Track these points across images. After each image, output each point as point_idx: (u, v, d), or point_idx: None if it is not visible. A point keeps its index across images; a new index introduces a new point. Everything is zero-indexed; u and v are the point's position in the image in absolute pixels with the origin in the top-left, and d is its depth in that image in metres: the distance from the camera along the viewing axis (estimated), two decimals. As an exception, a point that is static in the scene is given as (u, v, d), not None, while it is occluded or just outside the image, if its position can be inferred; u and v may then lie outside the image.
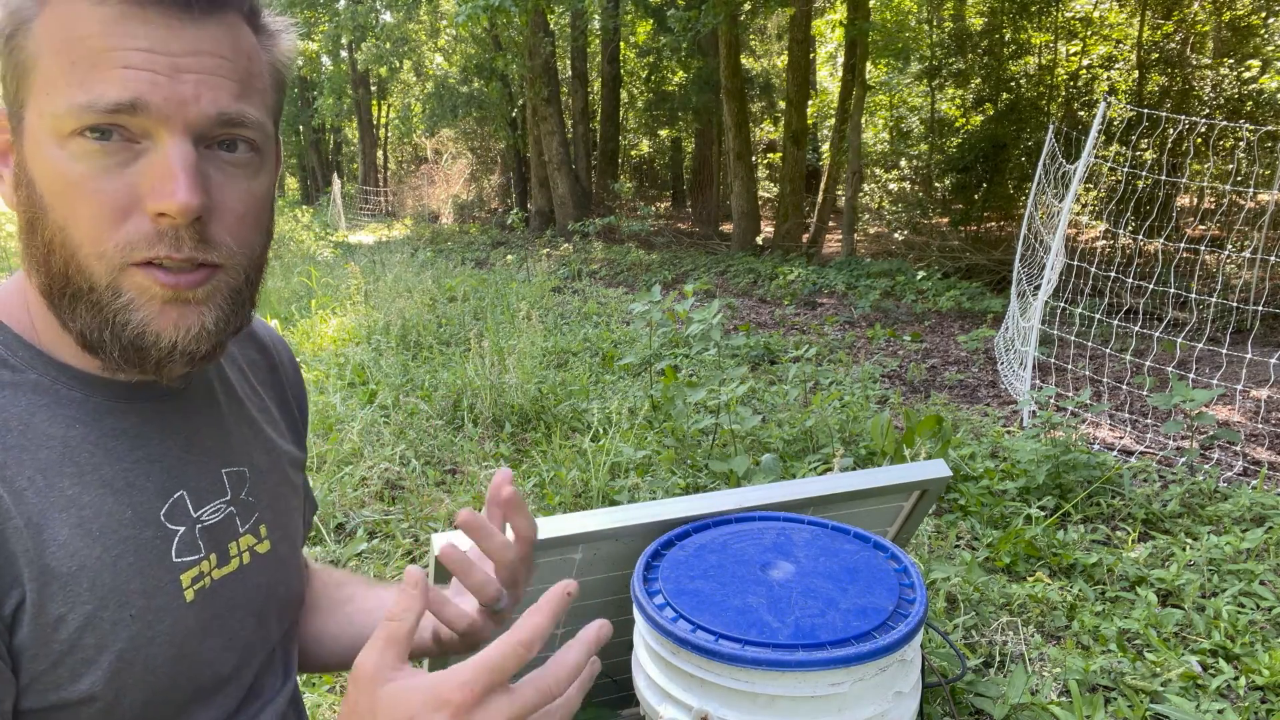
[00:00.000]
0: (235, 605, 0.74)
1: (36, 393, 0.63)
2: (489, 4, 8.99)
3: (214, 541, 0.72)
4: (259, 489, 0.79)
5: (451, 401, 3.93)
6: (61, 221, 0.60)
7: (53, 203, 0.60)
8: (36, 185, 0.60)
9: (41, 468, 0.61)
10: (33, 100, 0.59)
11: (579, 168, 14.19)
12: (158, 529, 0.67)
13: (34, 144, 0.60)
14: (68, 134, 0.58)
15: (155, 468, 0.68)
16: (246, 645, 0.77)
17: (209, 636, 0.71)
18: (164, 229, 0.60)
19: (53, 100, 0.58)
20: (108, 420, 0.66)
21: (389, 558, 2.60)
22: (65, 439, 0.63)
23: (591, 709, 1.79)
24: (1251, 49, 10.99)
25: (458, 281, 7.62)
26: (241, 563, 0.75)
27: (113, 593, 0.63)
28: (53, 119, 0.58)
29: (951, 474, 1.53)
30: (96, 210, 0.59)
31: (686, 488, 3.04)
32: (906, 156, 13.56)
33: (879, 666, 1.03)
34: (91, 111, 0.57)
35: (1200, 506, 3.01)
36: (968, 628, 2.21)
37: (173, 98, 0.59)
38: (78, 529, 0.62)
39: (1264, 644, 2.17)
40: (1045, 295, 4.39)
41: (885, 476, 1.54)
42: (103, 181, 0.59)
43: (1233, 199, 8.49)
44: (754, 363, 5.27)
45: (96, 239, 0.60)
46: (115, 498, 0.65)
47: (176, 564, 0.68)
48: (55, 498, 0.61)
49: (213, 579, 0.71)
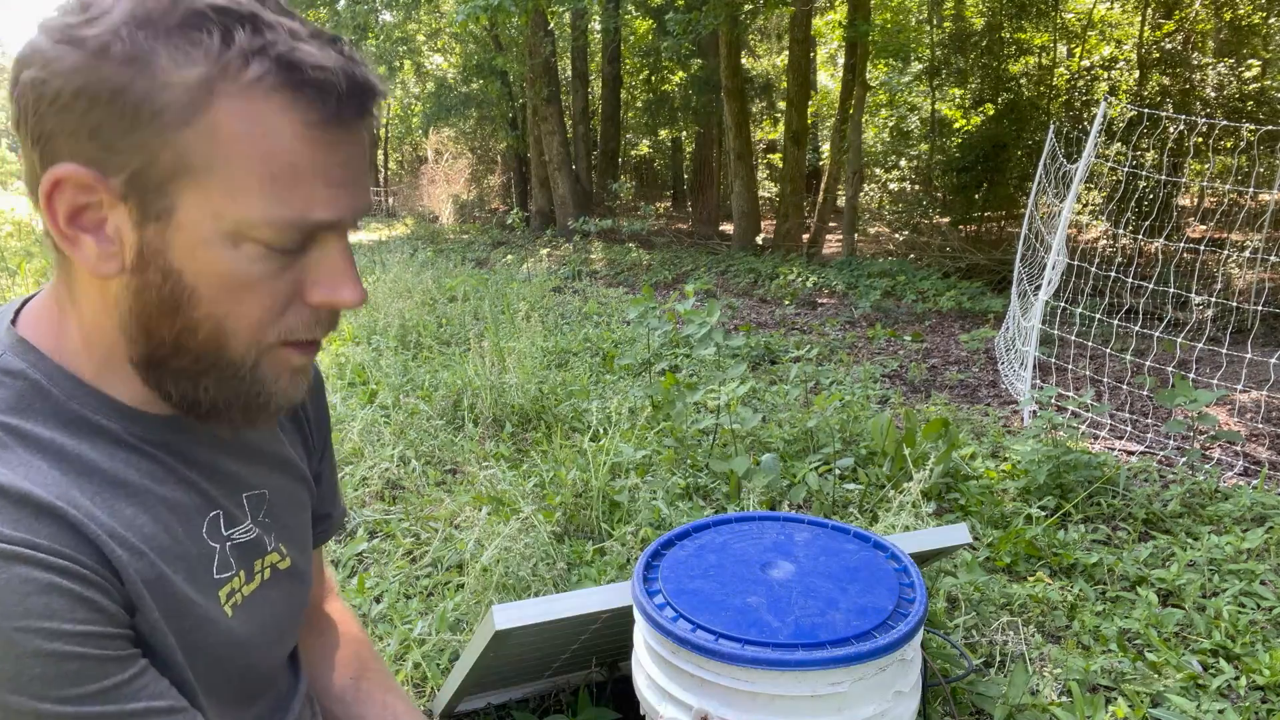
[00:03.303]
0: (264, 619, 0.77)
1: (79, 423, 0.64)
2: (489, 4, 8.99)
3: (243, 560, 0.75)
4: (276, 508, 0.81)
5: (451, 401, 3.93)
6: (220, 313, 0.61)
7: (212, 295, 0.60)
8: (185, 276, 0.60)
9: (99, 491, 0.62)
10: (197, 196, 0.58)
11: (579, 168, 14.18)
12: (202, 546, 0.70)
13: (191, 239, 0.59)
14: (249, 239, 0.59)
15: (192, 490, 0.70)
16: (278, 651, 0.82)
17: (248, 648, 0.74)
18: (323, 317, 0.65)
19: (241, 207, 0.58)
20: (143, 448, 0.67)
21: (389, 557, 2.60)
22: (111, 466, 0.64)
23: (591, 709, 1.80)
24: (1252, 49, 10.98)
25: (458, 281, 7.61)
26: (263, 579, 0.78)
27: (181, 600, 0.66)
28: (236, 224, 0.58)
29: (971, 539, 1.54)
30: (265, 306, 0.62)
31: (687, 488, 3.03)
32: (906, 156, 13.55)
33: (879, 666, 1.03)
34: (295, 229, 0.60)
35: (1201, 506, 3.01)
36: (968, 628, 2.21)
37: (356, 210, 0.63)
38: (141, 545, 0.63)
39: (1265, 644, 2.16)
40: (1046, 295, 4.38)
41: (905, 545, 1.58)
42: (275, 281, 0.62)
43: (1233, 199, 8.48)
44: (754, 363, 5.26)
45: (259, 329, 0.63)
46: (167, 516, 0.67)
47: (216, 580, 0.71)
48: (118, 519, 0.62)
49: (243, 595, 0.74)
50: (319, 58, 0.57)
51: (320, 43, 0.59)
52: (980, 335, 5.95)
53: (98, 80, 0.55)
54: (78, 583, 0.57)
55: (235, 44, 0.56)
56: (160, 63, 0.55)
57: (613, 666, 1.86)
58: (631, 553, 2.45)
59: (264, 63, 0.56)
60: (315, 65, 0.57)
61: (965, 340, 5.97)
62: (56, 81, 0.55)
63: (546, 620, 1.34)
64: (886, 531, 2.45)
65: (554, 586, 2.31)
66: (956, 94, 12.71)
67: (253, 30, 0.56)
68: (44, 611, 0.55)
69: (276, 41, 0.57)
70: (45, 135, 0.57)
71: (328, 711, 0.96)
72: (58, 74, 0.55)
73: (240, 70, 0.56)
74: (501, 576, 2.25)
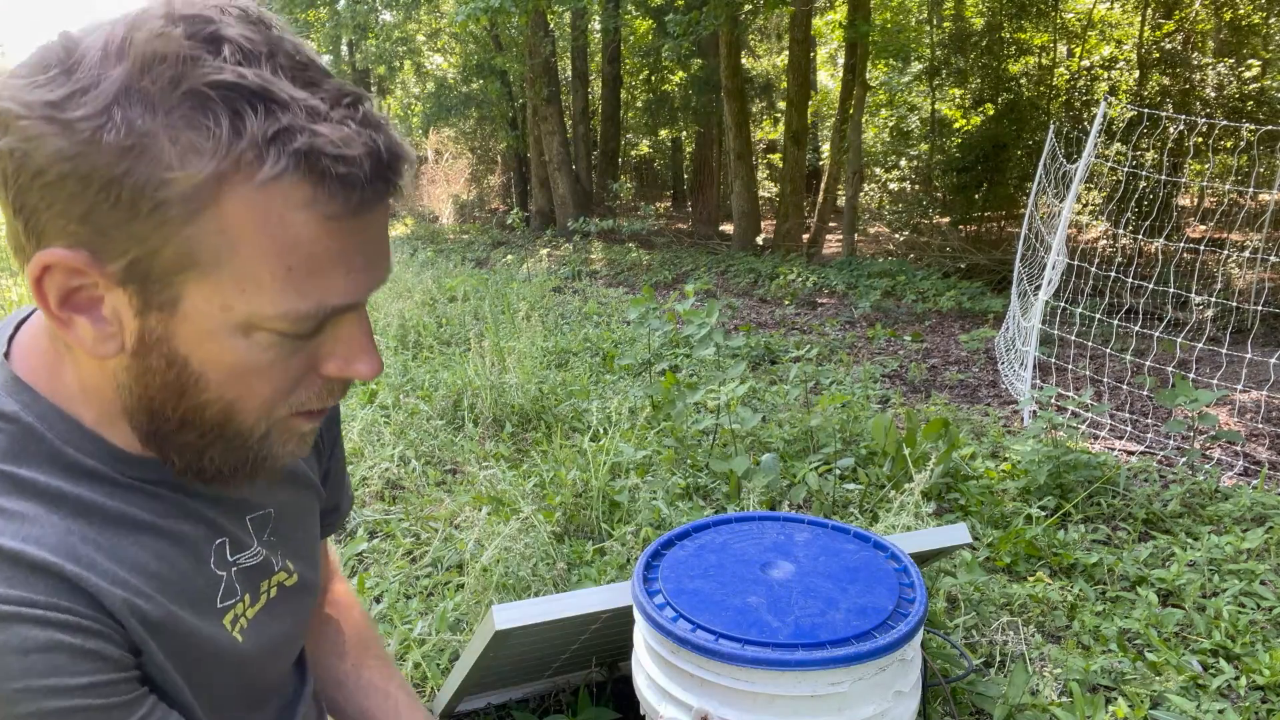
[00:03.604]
0: (271, 636, 0.76)
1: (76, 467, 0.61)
2: (489, 4, 8.99)
3: (249, 583, 0.74)
4: (283, 524, 0.80)
5: (451, 401, 3.93)
6: (230, 396, 0.59)
7: (221, 380, 0.58)
8: (192, 364, 0.57)
9: (99, 533, 0.61)
10: (205, 289, 0.54)
11: (579, 168, 14.18)
12: (208, 578, 0.69)
13: (198, 330, 0.56)
14: (262, 329, 0.56)
15: (197, 521, 0.69)
16: (284, 665, 0.82)
17: (255, 666, 0.74)
18: (335, 386, 0.63)
19: (254, 301, 0.54)
20: (143, 487, 0.65)
21: (389, 557, 2.60)
22: (112, 505, 0.62)
23: (591, 709, 1.80)
24: (1252, 49, 10.98)
25: (458, 281, 7.61)
26: (269, 598, 0.77)
27: (189, 637, 0.65)
28: (249, 316, 0.55)
29: (971, 539, 1.55)
30: (277, 386, 0.60)
31: (687, 488, 3.03)
32: (906, 156, 13.55)
33: (879, 666, 1.03)
34: (311, 318, 0.57)
35: (1201, 506, 3.01)
36: (968, 628, 2.21)
37: (376, 285, 0.60)
38: (146, 586, 0.62)
39: (1264, 644, 2.16)
40: (1046, 295, 4.38)
41: (905, 544, 1.58)
42: (287, 362, 0.59)
43: (1233, 199, 8.48)
44: (754, 363, 5.26)
45: (270, 406, 0.61)
46: (171, 551, 0.66)
47: (220, 609, 0.70)
48: (120, 561, 0.61)
49: (247, 618, 0.73)
50: (341, 144, 0.51)
51: (342, 114, 0.53)
52: (980, 335, 5.95)
53: (89, 168, 0.50)
54: (79, 635, 0.56)
55: (246, 132, 0.50)
56: (162, 154, 0.49)
57: (613, 666, 1.86)
58: (631, 553, 2.45)
59: (280, 158, 0.50)
60: (337, 155, 0.51)
61: (965, 340, 5.97)
62: (40, 157, 0.50)
63: (546, 620, 1.34)
64: (886, 531, 2.45)
65: (554, 586, 2.31)
66: (956, 94, 12.71)
67: (266, 113, 0.50)
68: (46, 669, 0.54)
69: (293, 127, 0.51)
70: (29, 209, 0.52)
71: (329, 698, 0.96)
72: (41, 151, 0.50)
73: (254, 164, 0.50)
74: (501, 576, 2.25)
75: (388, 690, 0.95)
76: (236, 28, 0.52)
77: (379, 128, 0.54)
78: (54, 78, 0.50)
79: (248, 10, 0.54)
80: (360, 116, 0.54)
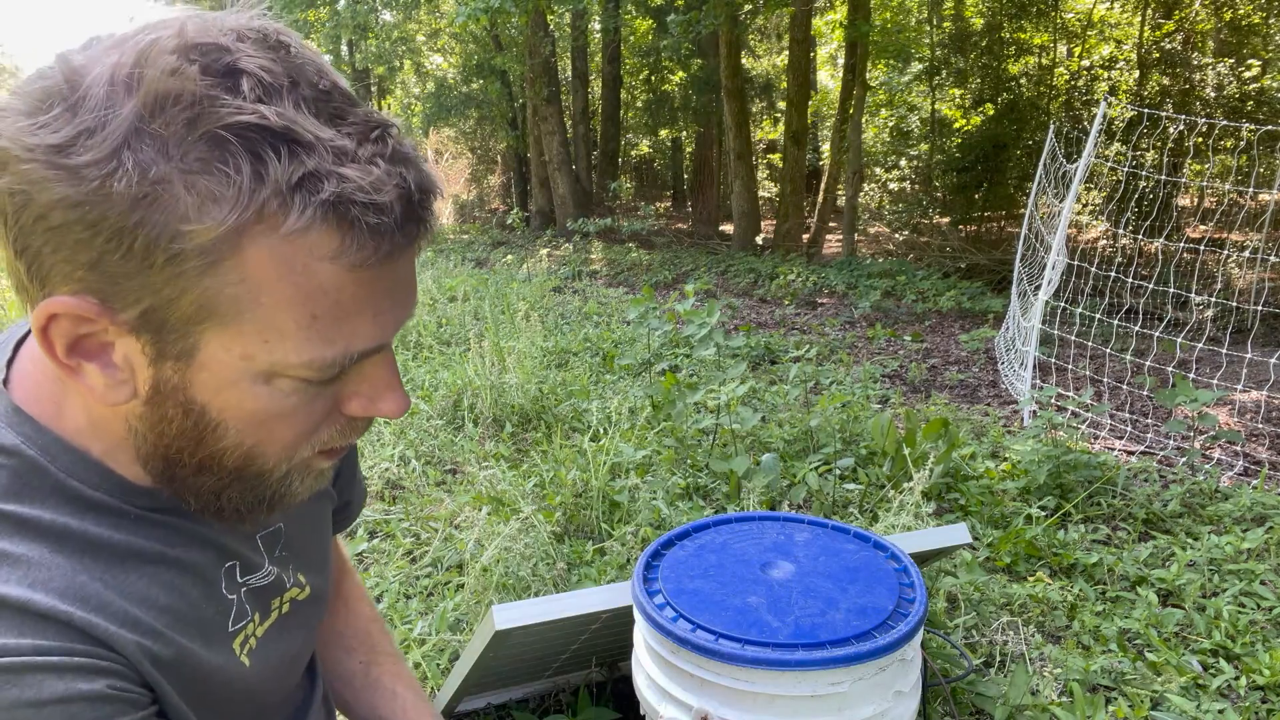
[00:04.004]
0: (281, 652, 0.75)
1: (80, 500, 0.59)
2: (489, 5, 8.99)
3: (259, 602, 0.72)
4: (295, 537, 0.78)
5: (451, 401, 3.93)
6: (250, 442, 0.57)
7: (241, 427, 0.56)
8: (210, 412, 0.55)
9: (106, 569, 0.58)
10: (224, 339, 0.51)
11: (579, 168, 14.19)
12: (219, 603, 0.68)
13: (217, 379, 0.53)
14: (284, 376, 0.54)
15: (206, 546, 0.67)
16: (294, 679, 0.81)
17: (270, 686, 0.73)
18: (357, 424, 0.61)
19: (276, 350, 0.52)
20: (151, 517, 0.63)
21: (389, 557, 2.60)
22: (120, 539, 0.60)
23: (591, 709, 1.79)
24: (1252, 49, 10.98)
25: (458, 281, 7.61)
26: (280, 613, 0.76)
27: (200, 671, 0.64)
28: (271, 365, 0.53)
29: (971, 539, 1.55)
30: (300, 430, 0.58)
31: (687, 488, 3.03)
32: (906, 156, 13.55)
33: (879, 666, 1.03)
34: (337, 365, 0.54)
35: (1201, 506, 3.01)
36: (968, 628, 2.21)
37: (403, 323, 0.58)
38: (155, 622, 0.60)
39: (1264, 644, 2.16)
40: (1046, 295, 4.38)
41: (905, 544, 1.58)
42: (311, 407, 0.57)
43: (1233, 199, 8.48)
44: (754, 363, 5.27)
45: (292, 448, 0.59)
46: (181, 579, 0.64)
47: (231, 633, 0.68)
48: (129, 597, 0.59)
49: (257, 637, 0.72)
50: (371, 190, 0.48)
51: (370, 151, 0.49)
52: (980, 335, 5.95)
53: (97, 217, 0.46)
54: (96, 679, 0.53)
55: (269, 179, 0.46)
56: (177, 204, 0.46)
57: (613, 666, 1.86)
58: (631, 553, 2.45)
59: (306, 208, 0.47)
60: (366, 202, 0.48)
61: (965, 340, 5.97)
62: (43, 202, 0.47)
63: (546, 620, 1.34)
64: (886, 531, 2.45)
65: (554, 586, 2.31)
66: (956, 94, 12.71)
67: (290, 156, 0.47)
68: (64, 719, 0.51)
69: (319, 171, 0.47)
70: (32, 251, 0.49)
71: (337, 695, 0.95)
72: (44, 195, 0.46)
73: (277, 214, 0.47)
74: (501, 576, 2.25)
75: (395, 689, 0.95)
76: (255, 58, 0.48)
77: (409, 162, 0.51)
78: (57, 117, 0.46)
79: (266, 34, 0.50)
80: (389, 154, 0.50)
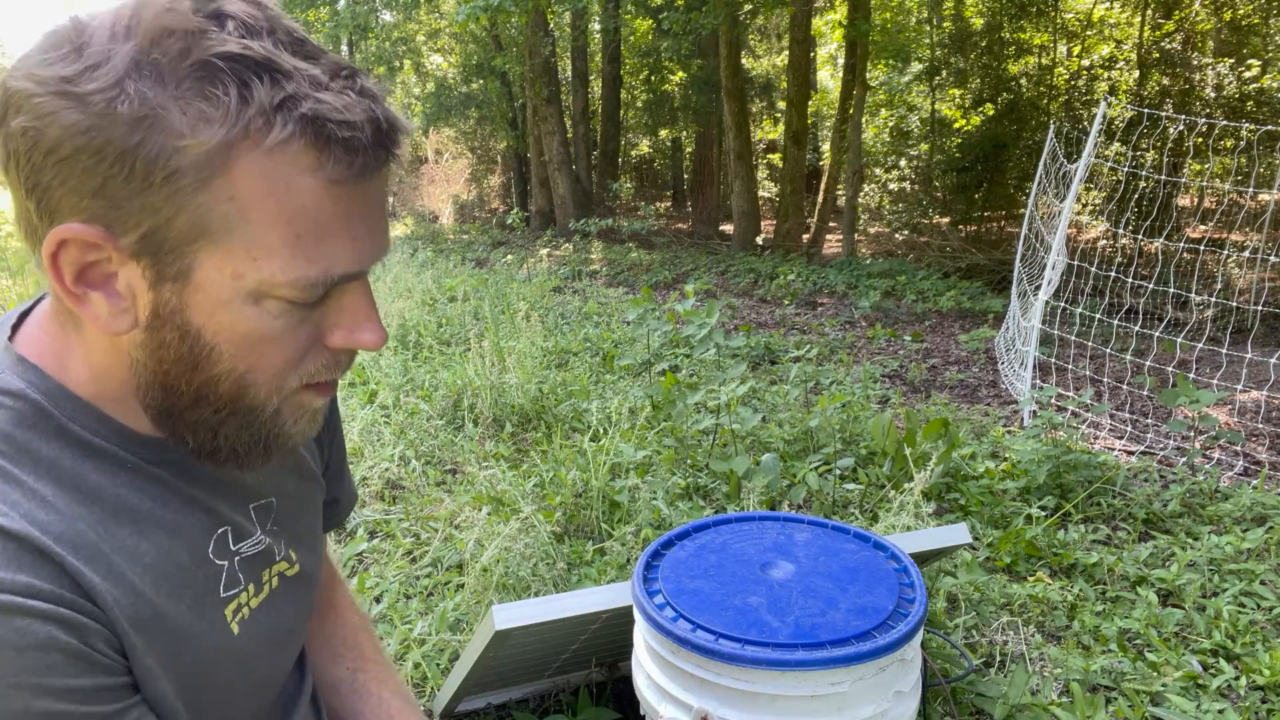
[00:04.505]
0: (272, 628, 0.76)
1: (80, 445, 0.62)
2: (489, 5, 8.99)
3: (251, 572, 0.74)
4: (286, 514, 0.80)
5: (451, 401, 3.93)
6: (243, 368, 0.60)
7: (233, 351, 0.59)
8: (205, 335, 0.58)
9: (101, 520, 0.61)
10: (217, 258, 0.55)
11: (579, 168, 14.18)
12: (209, 568, 0.69)
13: (211, 299, 0.57)
14: (271, 297, 0.58)
15: (197, 509, 0.69)
16: (285, 660, 0.82)
17: (258, 659, 0.74)
18: (342, 357, 0.65)
19: (264, 268, 0.56)
20: (147, 469, 0.65)
21: (389, 557, 2.60)
22: (114, 491, 0.62)
23: (591, 709, 1.79)
24: (1252, 49, 10.98)
25: (458, 281, 7.61)
26: (271, 588, 0.77)
27: (178, 635, 0.65)
28: (259, 284, 0.56)
29: (971, 539, 1.55)
30: (288, 356, 0.61)
31: (687, 488, 3.03)
32: (906, 156, 13.55)
33: (879, 666, 1.03)
34: (319, 285, 0.58)
35: (1201, 506, 3.01)
36: (968, 628, 2.21)
37: (378, 256, 0.62)
38: (139, 580, 0.62)
39: (1265, 644, 2.16)
40: (1046, 295, 4.38)
41: (905, 544, 1.58)
42: (296, 331, 0.61)
43: (1233, 199, 8.48)
44: (754, 363, 5.27)
45: (280, 377, 0.62)
46: (170, 541, 0.65)
47: (223, 599, 0.70)
48: (119, 551, 0.61)
49: (250, 608, 0.73)
50: (343, 110, 0.54)
51: (341, 84, 0.55)
52: (980, 335, 5.95)
53: (103, 141, 0.51)
54: (76, 635, 0.55)
55: (254, 100, 0.52)
56: (172, 122, 0.51)
57: (613, 666, 1.86)
58: (631, 553, 2.45)
59: (287, 123, 0.53)
60: (340, 120, 0.54)
61: (965, 340, 5.97)
62: (54, 133, 0.52)
63: (546, 620, 1.34)
64: (886, 531, 2.45)
65: (554, 586, 2.31)
66: (956, 94, 12.71)
67: (271, 82, 0.53)
68: (40, 668, 0.53)
69: (298, 94, 0.53)
70: (42, 187, 0.54)
71: (326, 702, 0.96)
72: (55, 126, 0.51)
73: (262, 131, 0.52)
74: (501, 576, 2.25)
75: (381, 695, 0.95)
76: (238, 5, 0.54)
77: (376, 99, 0.57)
78: (65, 55, 0.52)
79: None
80: (359, 88, 0.56)
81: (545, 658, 1.66)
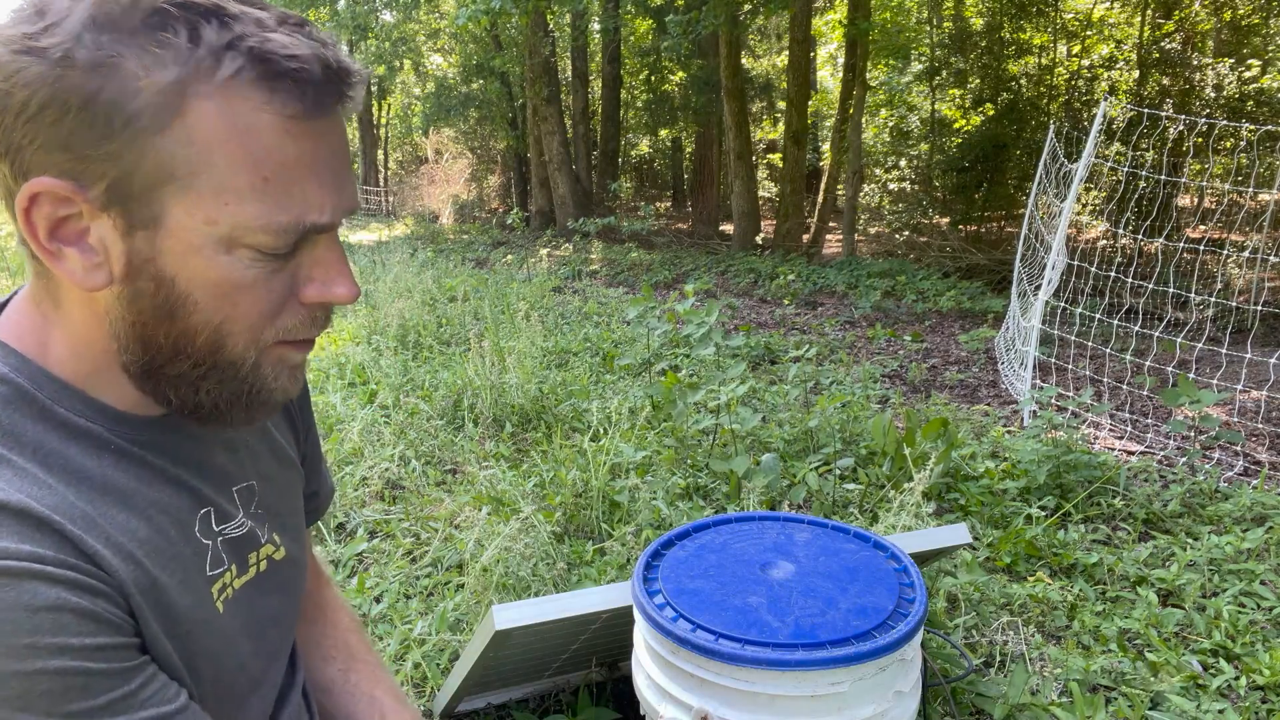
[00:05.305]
0: (258, 611, 0.77)
1: (65, 427, 0.62)
2: (489, 6, 8.99)
3: (236, 554, 0.74)
4: (268, 498, 0.80)
5: (452, 401, 3.93)
6: (217, 318, 0.61)
7: (208, 301, 0.60)
8: (179, 283, 0.59)
9: (91, 499, 0.61)
10: (185, 202, 0.57)
11: (579, 168, 14.19)
12: (195, 545, 0.70)
13: (183, 245, 0.58)
14: (243, 245, 0.58)
15: (181, 489, 0.70)
16: (273, 646, 0.81)
17: (243, 642, 0.74)
18: (318, 314, 0.66)
19: (234, 212, 0.57)
20: (132, 450, 0.66)
21: (389, 557, 2.60)
22: (100, 471, 0.63)
23: (591, 709, 1.79)
24: (1252, 49, 10.98)
25: (458, 281, 7.61)
26: (258, 570, 0.77)
27: (174, 607, 0.65)
28: (231, 229, 0.57)
29: (971, 539, 1.55)
30: (262, 308, 0.62)
31: (687, 488, 3.03)
32: (906, 156, 13.55)
33: (879, 666, 1.03)
34: (290, 232, 0.59)
35: (1201, 506, 3.01)
36: (968, 628, 2.21)
37: (347, 210, 0.63)
38: (136, 552, 0.63)
39: (1264, 644, 2.16)
40: (1046, 295, 4.38)
41: (905, 544, 1.58)
42: (269, 283, 0.62)
43: (1233, 199, 8.49)
44: (754, 363, 5.27)
45: (256, 330, 0.63)
46: (158, 518, 0.66)
47: (209, 577, 0.70)
48: (113, 525, 0.62)
49: (234, 589, 0.74)
50: (291, 46, 0.56)
51: (289, 29, 0.57)
52: (980, 335, 5.95)
53: (65, 90, 0.53)
54: (85, 596, 0.56)
55: (204, 41, 0.54)
56: (128, 67, 0.53)
57: (613, 666, 1.86)
58: (631, 553, 2.45)
59: (236, 59, 0.55)
60: (288, 55, 0.55)
61: (965, 340, 5.97)
62: (20, 93, 0.53)
63: (546, 620, 1.34)
64: (886, 531, 2.45)
65: (554, 586, 2.31)
66: (956, 94, 12.71)
67: (220, 24, 0.55)
68: (53, 628, 0.54)
69: (245, 34, 0.55)
70: (14, 147, 0.55)
71: (318, 703, 0.96)
72: (21, 85, 0.53)
73: (212, 68, 0.54)
74: (501, 576, 2.25)
75: (374, 694, 0.95)
76: None
77: (326, 44, 0.58)
78: (28, 16, 0.54)
79: None
80: (307, 33, 0.58)
81: (545, 658, 1.66)
